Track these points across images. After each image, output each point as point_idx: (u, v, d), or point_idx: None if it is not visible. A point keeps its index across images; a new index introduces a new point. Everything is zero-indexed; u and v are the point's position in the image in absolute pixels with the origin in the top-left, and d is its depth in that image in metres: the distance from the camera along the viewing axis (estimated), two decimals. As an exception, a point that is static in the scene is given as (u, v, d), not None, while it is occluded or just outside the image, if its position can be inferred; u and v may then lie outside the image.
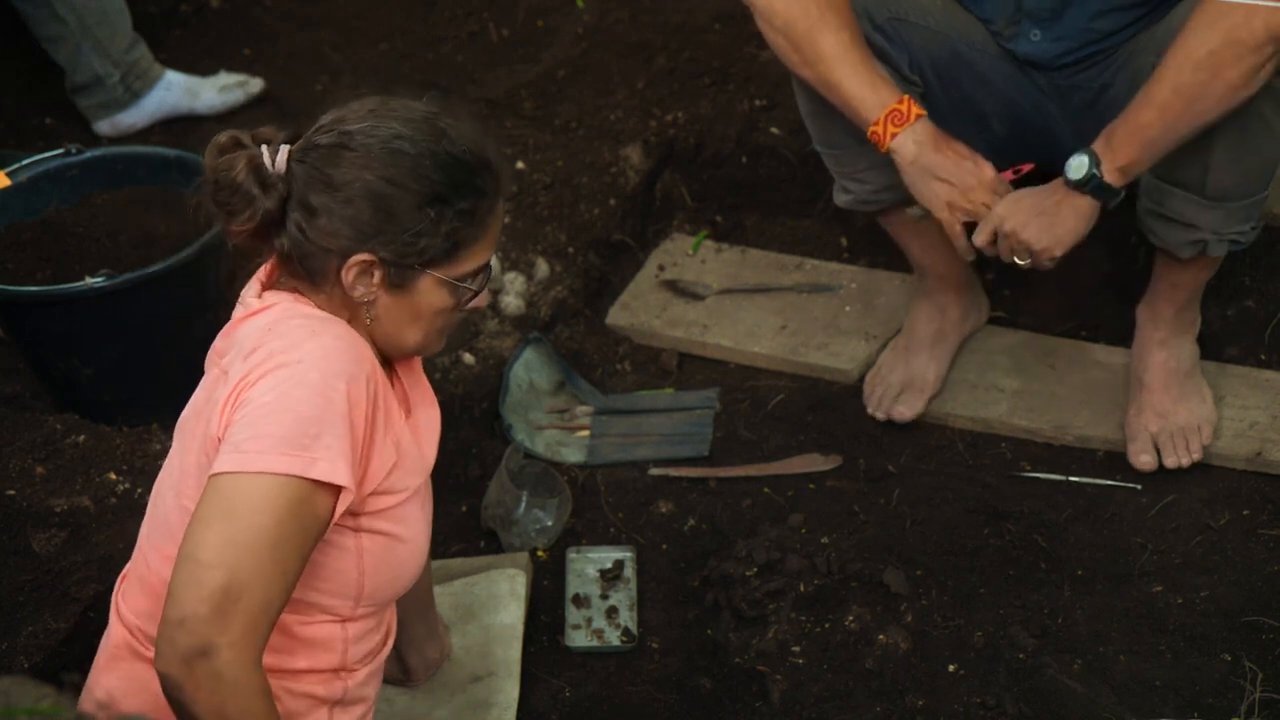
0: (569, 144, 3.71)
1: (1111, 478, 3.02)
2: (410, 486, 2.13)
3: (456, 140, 2.06)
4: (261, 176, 2.03)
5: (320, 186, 2.02)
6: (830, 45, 2.77)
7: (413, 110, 2.08)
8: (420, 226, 2.02)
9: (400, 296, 2.07)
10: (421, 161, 2.02)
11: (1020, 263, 2.78)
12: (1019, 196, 2.76)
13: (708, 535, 2.97)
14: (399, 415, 2.12)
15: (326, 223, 2.02)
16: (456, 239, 2.05)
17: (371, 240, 2.02)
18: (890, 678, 2.67)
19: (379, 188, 2.01)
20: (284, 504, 1.89)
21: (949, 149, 2.78)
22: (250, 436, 1.91)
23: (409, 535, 2.14)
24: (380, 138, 2.03)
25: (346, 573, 2.09)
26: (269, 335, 2.00)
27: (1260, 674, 2.59)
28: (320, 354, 1.96)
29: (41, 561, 2.62)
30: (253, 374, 1.96)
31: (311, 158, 2.03)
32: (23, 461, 2.76)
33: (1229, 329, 3.25)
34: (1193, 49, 2.56)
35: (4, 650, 2.52)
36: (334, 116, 2.07)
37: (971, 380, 3.22)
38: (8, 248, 3.03)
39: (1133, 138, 2.64)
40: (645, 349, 3.41)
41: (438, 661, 2.66)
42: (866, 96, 2.77)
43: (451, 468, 3.12)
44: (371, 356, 2.05)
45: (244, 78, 3.96)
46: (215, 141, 2.07)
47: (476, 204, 2.06)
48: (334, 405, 1.94)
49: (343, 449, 1.94)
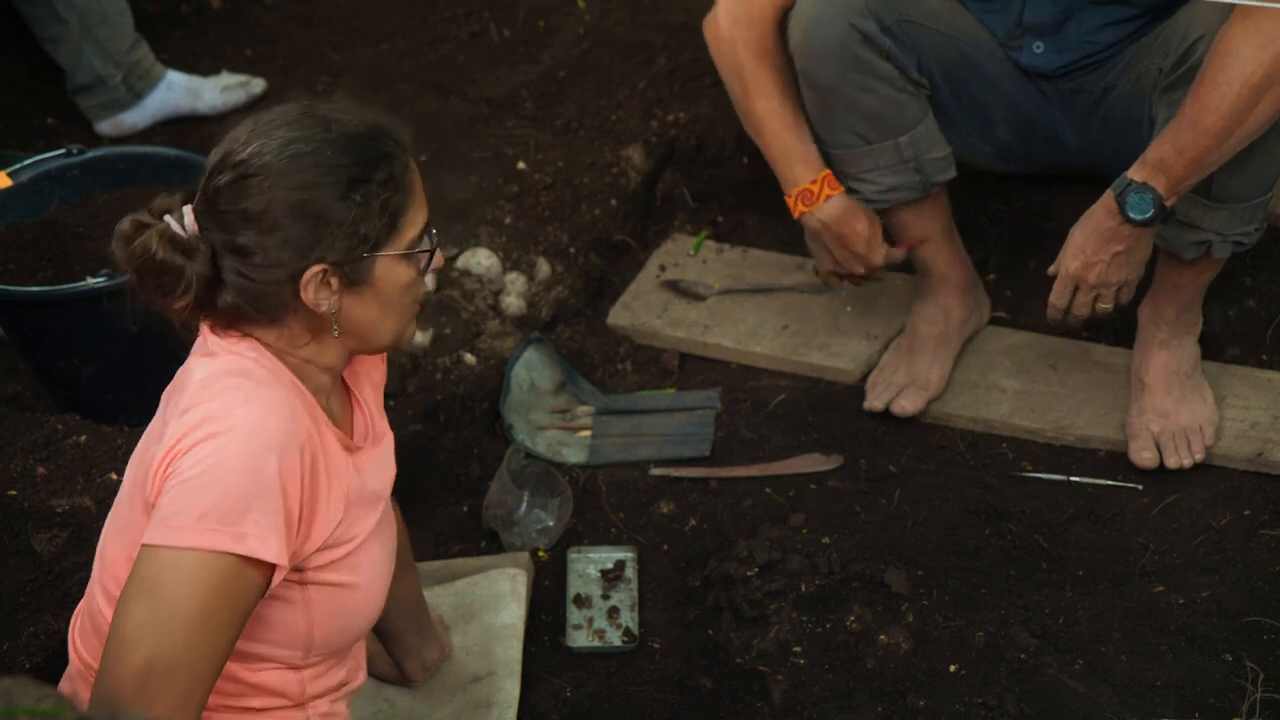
0: (570, 144, 3.71)
1: (1113, 478, 3.02)
2: (361, 534, 2.09)
3: (343, 120, 2.00)
4: (180, 245, 1.97)
5: (241, 225, 1.95)
6: (760, 112, 2.99)
7: (288, 113, 2.01)
8: (353, 215, 1.96)
9: (362, 292, 2.01)
10: (323, 154, 1.96)
11: (1104, 308, 2.84)
12: (1076, 253, 2.79)
13: (709, 535, 2.97)
14: (343, 467, 2.07)
15: (264, 256, 1.95)
16: (391, 210, 2.00)
17: (315, 250, 1.96)
18: (891, 678, 2.67)
19: (297, 198, 1.94)
20: (210, 580, 1.87)
21: (848, 233, 3.00)
22: (177, 510, 1.88)
23: (362, 581, 2.10)
24: (273, 151, 1.95)
25: (294, 625, 2.06)
26: (203, 394, 1.96)
27: (1261, 674, 2.59)
28: (250, 425, 1.92)
29: (43, 562, 2.62)
30: (184, 441, 1.92)
31: (219, 203, 1.96)
32: (24, 461, 2.76)
33: (1230, 329, 3.25)
34: (1249, 73, 2.54)
35: (5, 650, 2.52)
36: (218, 157, 1.99)
37: (973, 380, 3.22)
38: (9, 248, 3.03)
39: (1192, 165, 2.64)
40: (646, 349, 3.41)
41: (437, 662, 2.65)
42: (784, 172, 3.02)
43: (452, 468, 3.12)
44: (308, 422, 1.99)
45: (245, 78, 3.96)
46: (118, 232, 2.00)
47: (392, 168, 2.00)
48: (263, 479, 1.90)
49: (273, 523, 1.90)
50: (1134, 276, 2.83)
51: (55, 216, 3.10)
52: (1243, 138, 2.62)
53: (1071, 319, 2.88)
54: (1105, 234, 2.75)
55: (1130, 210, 2.69)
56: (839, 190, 2.99)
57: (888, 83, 2.91)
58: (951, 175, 3.05)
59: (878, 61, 2.89)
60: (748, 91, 2.98)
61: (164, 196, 2.05)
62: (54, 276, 2.98)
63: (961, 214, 3.24)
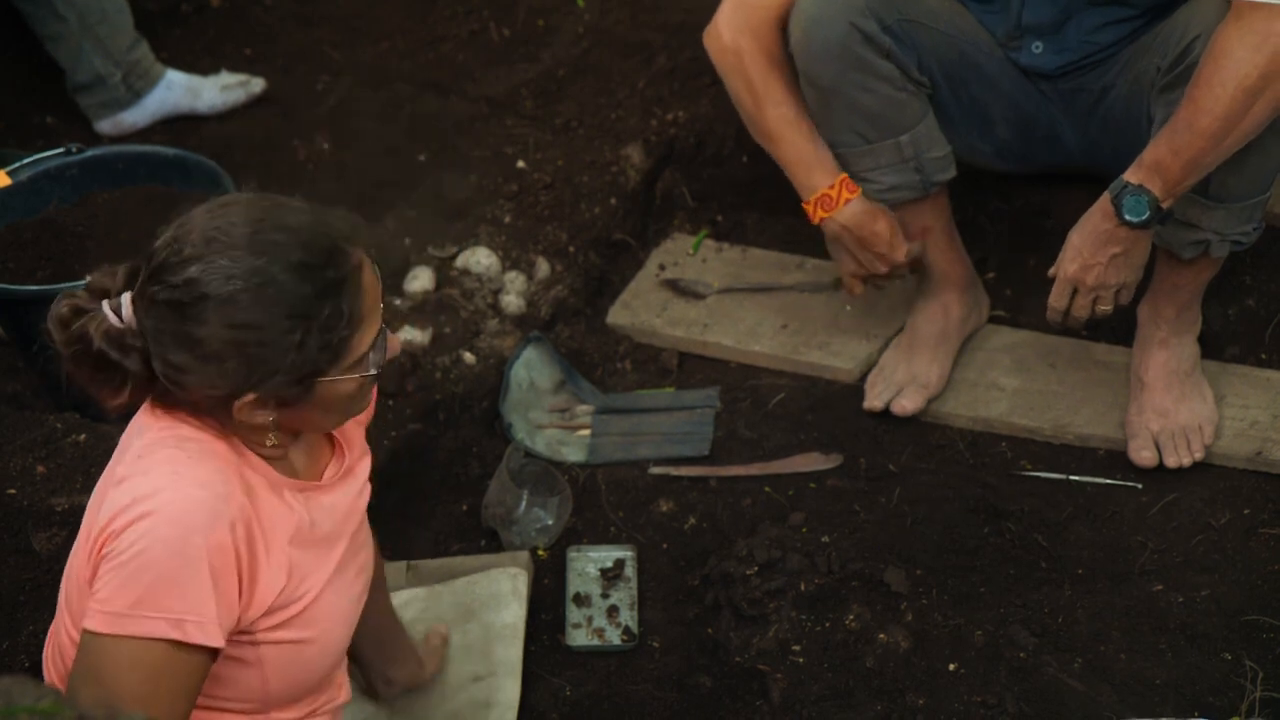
0: (569, 143, 3.71)
1: (1112, 477, 3.02)
2: (314, 588, 2.05)
3: (291, 243, 1.88)
4: (116, 341, 1.91)
5: (175, 346, 1.88)
6: (773, 120, 2.99)
7: (233, 230, 1.87)
8: (292, 356, 1.88)
9: (301, 405, 1.95)
10: (265, 291, 1.86)
11: (1104, 309, 2.84)
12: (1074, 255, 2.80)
13: (708, 534, 2.97)
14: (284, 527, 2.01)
15: (198, 379, 1.89)
16: (336, 343, 1.91)
17: (250, 383, 1.89)
18: (890, 677, 2.67)
19: (236, 336, 1.86)
20: (152, 665, 1.87)
21: (869, 234, 3.00)
22: (111, 597, 1.87)
23: (318, 634, 2.07)
24: (214, 281, 1.85)
25: (248, 681, 2.05)
26: (137, 466, 1.93)
27: (1261, 673, 2.59)
28: (177, 508, 1.88)
29: (42, 560, 2.62)
30: (116, 521, 1.89)
31: (154, 315, 1.88)
32: (23, 460, 2.76)
33: (1230, 328, 3.25)
34: (1243, 75, 2.54)
35: (4, 649, 2.52)
36: (161, 258, 1.88)
37: (972, 379, 3.22)
38: (8, 247, 3.03)
39: (1188, 167, 2.64)
40: (646, 348, 3.41)
41: (405, 683, 2.59)
42: (801, 180, 3.01)
43: (452, 466, 3.12)
44: (240, 496, 1.93)
45: (245, 77, 3.96)
46: (55, 315, 1.93)
47: (340, 296, 1.90)
48: (194, 562, 1.87)
49: (205, 604, 1.88)
50: (1133, 278, 2.83)
51: (54, 215, 3.10)
52: (1239, 139, 2.62)
53: (1071, 321, 2.88)
54: (1102, 236, 2.75)
55: (1126, 212, 2.70)
56: (857, 193, 2.99)
57: (888, 82, 2.91)
58: (952, 174, 3.05)
59: (878, 61, 2.89)
60: (759, 103, 2.98)
61: (103, 272, 1.98)
62: (53, 275, 2.98)
63: (961, 213, 3.24)
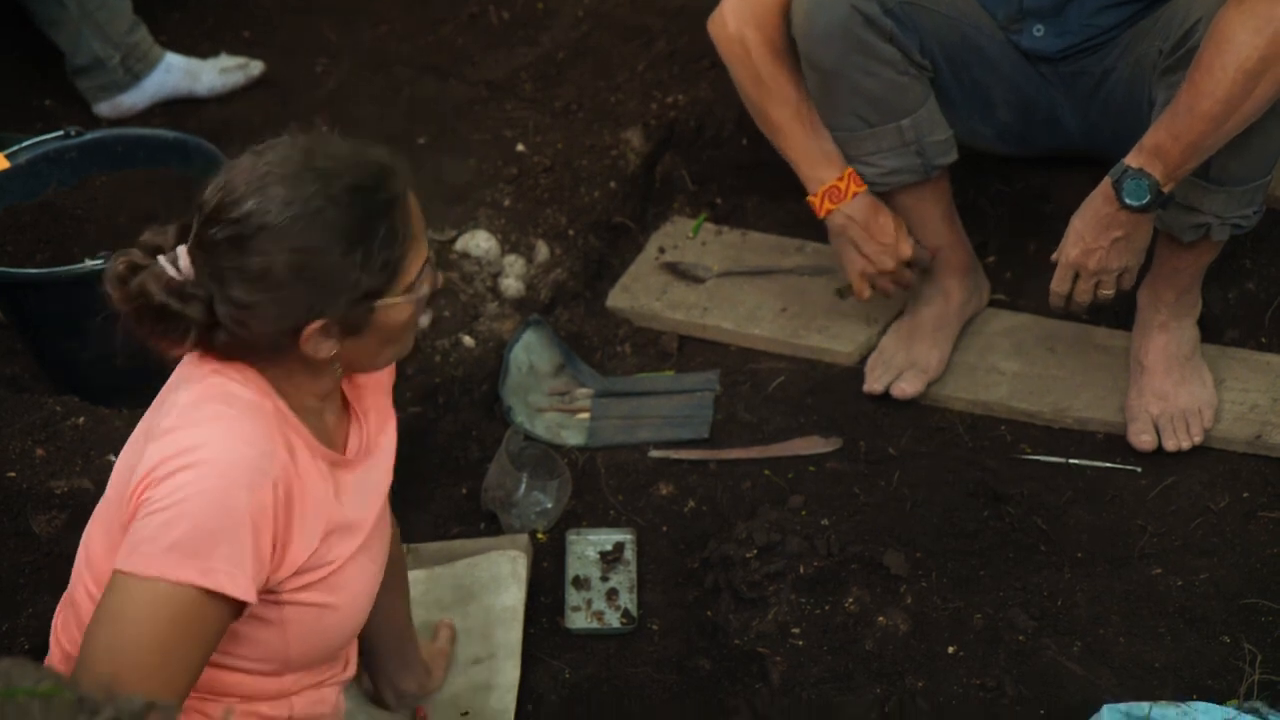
0: (569, 126, 3.71)
1: (1111, 460, 3.02)
2: (342, 556, 2.08)
3: (341, 169, 1.94)
4: (177, 290, 1.94)
5: (238, 281, 1.91)
6: (778, 116, 3.00)
7: (287, 163, 1.93)
8: (354, 275, 1.93)
9: (362, 336, 1.99)
10: (324, 214, 1.91)
11: (1106, 294, 2.85)
12: (1075, 240, 2.80)
13: (708, 517, 2.98)
14: (323, 498, 2.05)
15: (263, 312, 1.92)
16: (392, 262, 1.96)
17: (316, 307, 1.93)
18: (890, 659, 2.67)
19: (298, 261, 1.90)
20: (173, 611, 1.88)
21: (876, 226, 3.01)
22: (148, 539, 1.88)
23: (342, 601, 2.10)
24: (273, 211, 1.90)
25: (269, 642, 2.06)
26: (185, 418, 1.95)
27: (1259, 656, 2.59)
28: (224, 460, 1.91)
29: (42, 543, 2.63)
30: (159, 469, 1.91)
31: (216, 256, 1.92)
32: (23, 443, 2.76)
33: (1229, 312, 3.25)
34: (1243, 58, 2.54)
35: (4, 631, 2.52)
36: (214, 202, 1.93)
37: (971, 363, 3.22)
38: (7, 230, 3.03)
39: (1188, 151, 2.64)
40: (645, 331, 3.41)
41: (414, 695, 2.58)
42: (808, 173, 3.03)
43: (451, 450, 3.12)
44: (284, 455, 1.97)
45: (244, 60, 3.95)
46: (111, 273, 1.98)
47: (393, 220, 1.96)
48: (234, 515, 1.90)
49: (241, 559, 1.90)
50: (1135, 262, 2.83)
51: (53, 198, 3.09)
52: (1239, 122, 2.62)
53: (1074, 306, 2.88)
54: (1104, 221, 2.75)
55: (1127, 196, 2.70)
56: (864, 188, 3.01)
57: (890, 65, 2.91)
58: (953, 158, 3.05)
59: (880, 44, 2.88)
60: (765, 97, 2.99)
61: (154, 231, 2.02)
62: (52, 259, 2.98)
63: (961, 196, 3.23)
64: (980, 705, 2.60)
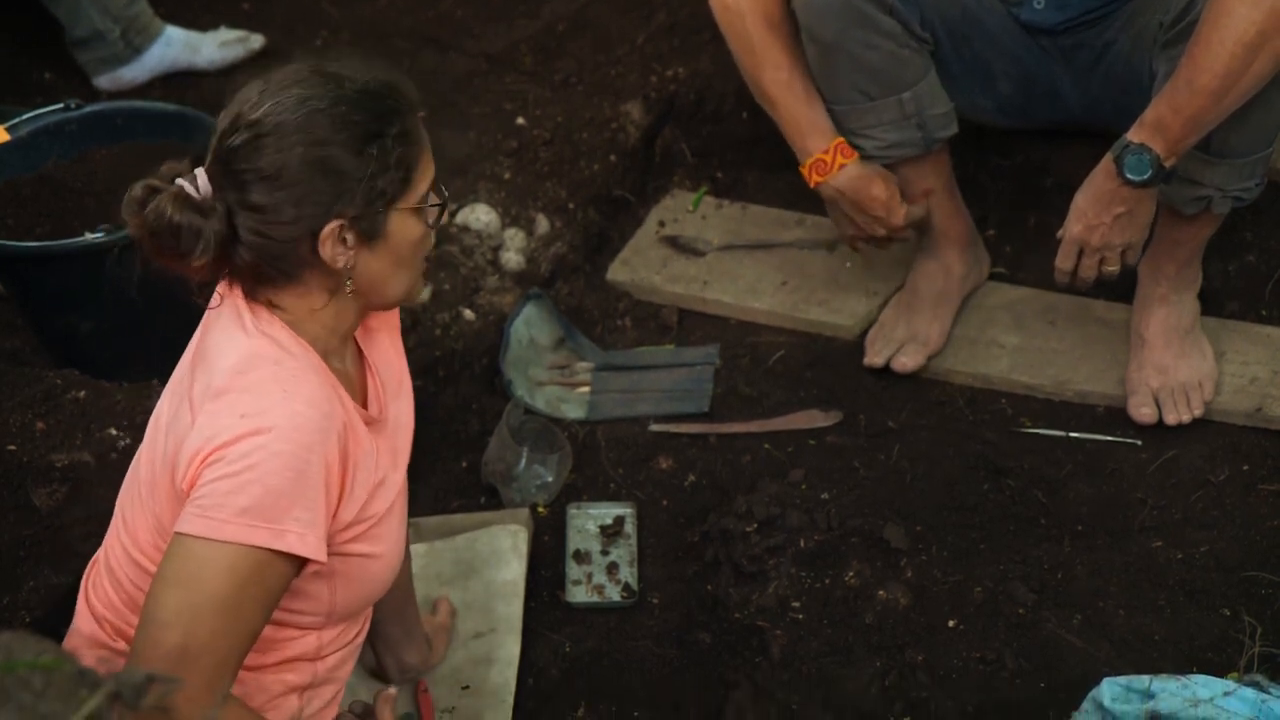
0: (569, 99, 3.70)
1: (1111, 433, 3.02)
2: (382, 509, 2.12)
3: (353, 76, 2.01)
4: (195, 206, 1.96)
5: (257, 183, 1.95)
6: (770, 84, 2.98)
7: (298, 72, 2.01)
8: (369, 169, 1.97)
9: (377, 247, 2.02)
10: (338, 109, 1.96)
11: (1110, 270, 2.85)
12: (1079, 216, 2.80)
13: (708, 491, 2.98)
14: (369, 451, 2.09)
15: (281, 213, 1.96)
16: (406, 164, 2.00)
17: (332, 206, 1.96)
18: (890, 633, 2.68)
19: (314, 154, 1.94)
20: (245, 572, 1.90)
21: (867, 198, 3.00)
22: (218, 504, 1.90)
23: (383, 550, 2.14)
24: (287, 109, 1.95)
25: (319, 594, 2.10)
26: (239, 382, 1.97)
27: (1259, 628, 2.59)
28: (292, 424, 1.93)
29: (42, 516, 2.63)
30: (222, 434, 1.93)
31: (234, 163, 1.96)
32: (23, 417, 2.76)
33: (1230, 284, 3.24)
34: (1241, 31, 2.54)
35: (5, 605, 2.53)
36: (228, 119, 1.98)
37: (972, 336, 3.21)
38: (6, 203, 3.03)
39: (1189, 125, 2.64)
40: (645, 305, 3.41)
41: (416, 668, 2.60)
42: (798, 144, 3.01)
43: (452, 424, 3.12)
44: (340, 409, 2.01)
45: (244, 33, 3.94)
46: (129, 198, 1.99)
47: (404, 122, 2.01)
48: (306, 477, 1.93)
49: (313, 519, 1.93)
50: (1138, 238, 2.82)
51: (53, 172, 3.09)
52: (1239, 96, 2.62)
53: (1078, 282, 2.88)
54: (1106, 196, 2.75)
55: (1128, 171, 2.69)
56: (853, 158, 2.99)
57: (890, 39, 2.90)
58: (953, 132, 3.05)
59: (880, 17, 2.88)
60: (758, 63, 2.97)
61: (171, 162, 2.04)
62: (51, 232, 2.97)
63: (962, 170, 3.23)
64: (980, 678, 2.61)
